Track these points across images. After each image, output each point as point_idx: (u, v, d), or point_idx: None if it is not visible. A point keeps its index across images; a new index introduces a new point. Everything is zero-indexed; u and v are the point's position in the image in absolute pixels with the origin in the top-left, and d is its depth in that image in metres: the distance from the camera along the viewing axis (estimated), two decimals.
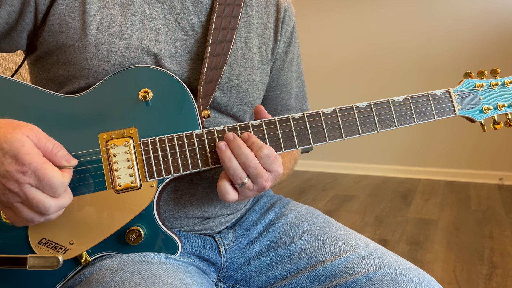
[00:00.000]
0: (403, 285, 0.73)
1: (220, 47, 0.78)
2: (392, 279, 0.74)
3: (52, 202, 0.58)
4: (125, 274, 0.63)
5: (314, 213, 0.92)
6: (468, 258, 2.20)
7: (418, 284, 0.73)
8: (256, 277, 0.83)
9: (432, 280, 0.76)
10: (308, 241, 0.84)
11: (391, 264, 0.77)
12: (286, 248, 0.84)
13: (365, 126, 0.74)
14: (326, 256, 0.80)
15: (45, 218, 0.60)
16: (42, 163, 0.57)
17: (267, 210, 0.92)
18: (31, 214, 0.58)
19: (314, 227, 0.87)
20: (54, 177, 0.57)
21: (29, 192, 0.56)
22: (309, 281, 0.79)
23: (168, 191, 0.77)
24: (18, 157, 0.55)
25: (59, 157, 0.60)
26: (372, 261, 0.78)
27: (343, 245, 0.82)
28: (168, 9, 0.77)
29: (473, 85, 0.79)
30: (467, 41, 3.44)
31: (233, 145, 0.68)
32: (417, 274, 0.76)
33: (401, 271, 0.76)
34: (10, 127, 0.57)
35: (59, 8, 0.71)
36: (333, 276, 0.77)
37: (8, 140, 0.55)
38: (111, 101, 0.71)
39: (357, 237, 0.85)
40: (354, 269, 0.77)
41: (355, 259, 0.78)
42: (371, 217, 2.84)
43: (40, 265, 0.64)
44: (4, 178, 0.55)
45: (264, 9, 0.89)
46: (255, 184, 0.69)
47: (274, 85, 0.95)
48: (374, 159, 3.93)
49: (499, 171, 3.51)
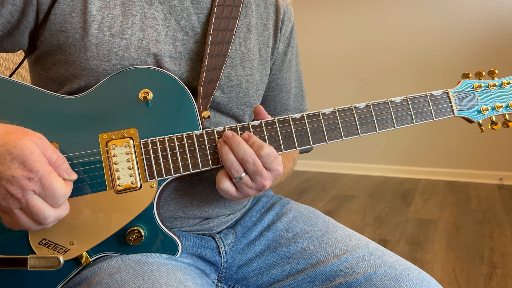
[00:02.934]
0: (403, 285, 0.72)
1: (219, 48, 0.78)
2: (392, 279, 0.74)
3: (51, 212, 0.58)
4: (126, 275, 0.63)
5: (314, 213, 0.92)
6: (468, 258, 2.20)
7: (418, 284, 0.73)
8: (256, 277, 0.83)
9: (432, 280, 0.76)
10: (308, 241, 0.84)
11: (391, 264, 0.77)
12: (286, 248, 0.84)
13: (364, 127, 0.74)
14: (326, 256, 0.80)
15: (41, 227, 0.60)
16: (49, 172, 0.57)
17: (267, 210, 0.92)
18: (28, 222, 0.58)
19: (314, 227, 0.87)
20: (59, 187, 0.57)
21: (31, 199, 0.56)
22: (309, 281, 0.79)
23: (168, 191, 0.77)
24: (26, 163, 0.55)
25: (62, 170, 0.61)
26: (372, 261, 0.78)
27: (343, 245, 0.82)
28: (168, 9, 0.77)
29: (471, 86, 0.80)
30: (466, 41, 3.44)
31: (232, 142, 0.69)
32: (417, 274, 0.75)
33: (401, 271, 0.75)
34: (19, 133, 0.57)
35: (61, 8, 0.71)
36: (333, 276, 0.77)
37: (17, 146, 0.56)
38: (111, 101, 0.71)
39: (357, 237, 0.85)
40: (354, 269, 0.77)
41: (355, 259, 0.78)
42: (371, 217, 2.84)
43: (41, 266, 0.64)
44: (9, 182, 0.55)
45: (263, 10, 0.89)
46: (254, 182, 0.69)
47: (273, 85, 0.95)
48: (374, 159, 3.93)
49: (499, 171, 3.51)
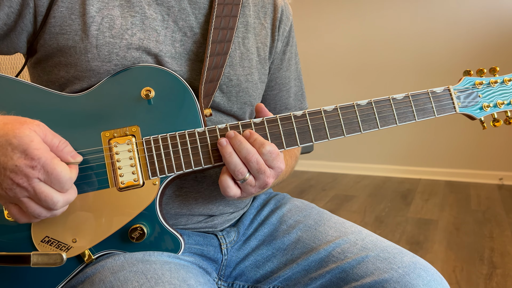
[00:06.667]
0: (395, 267, 0.71)
1: (220, 47, 0.78)
2: (384, 262, 0.73)
3: (59, 197, 0.58)
4: (128, 274, 0.63)
5: (309, 205, 0.92)
6: (468, 258, 2.20)
7: (411, 266, 0.72)
8: (254, 271, 0.84)
9: (426, 264, 0.74)
10: (301, 231, 0.84)
11: (383, 247, 0.76)
12: (280, 240, 0.84)
13: (366, 124, 0.75)
14: (318, 243, 0.80)
15: (51, 213, 0.60)
16: (51, 158, 0.57)
17: (262, 206, 0.93)
18: (38, 209, 0.58)
19: (307, 217, 0.87)
20: (63, 172, 0.57)
21: (38, 186, 0.57)
22: (303, 270, 0.79)
23: (173, 189, 0.78)
24: (27, 152, 0.55)
25: (65, 153, 0.61)
26: (364, 245, 0.77)
27: (335, 231, 0.82)
28: (166, 10, 0.77)
29: (473, 83, 0.80)
30: (467, 41, 3.45)
31: (234, 141, 0.69)
32: (410, 257, 0.74)
33: (394, 254, 0.74)
34: (17, 122, 0.57)
35: (60, 10, 0.71)
36: (326, 262, 0.77)
37: (17, 135, 0.56)
38: (113, 99, 0.71)
39: (350, 224, 0.85)
40: (346, 253, 0.76)
41: (347, 244, 0.78)
42: (371, 217, 2.84)
43: (43, 263, 0.64)
44: (13, 172, 0.56)
45: (261, 9, 0.89)
46: (257, 180, 0.70)
47: (273, 84, 0.95)
48: (374, 159, 3.93)
49: (499, 171, 3.51)
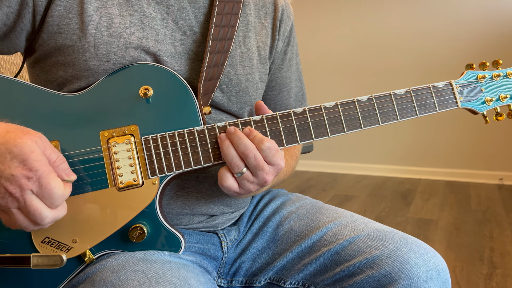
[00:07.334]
0: (386, 244, 0.71)
1: (220, 45, 0.78)
2: (375, 240, 0.73)
3: (48, 213, 0.58)
4: (129, 273, 0.63)
5: (302, 197, 0.93)
6: (468, 258, 2.19)
7: (402, 242, 0.72)
8: (250, 265, 0.84)
9: (419, 240, 0.75)
10: (294, 221, 0.85)
11: (374, 228, 0.77)
12: (274, 231, 0.85)
13: (367, 120, 0.74)
14: (310, 230, 0.81)
15: (38, 227, 0.59)
16: (48, 172, 0.57)
17: (258, 202, 0.94)
18: (26, 222, 0.58)
19: (300, 208, 0.88)
20: (56, 188, 0.57)
21: (29, 199, 0.56)
22: (296, 257, 0.80)
23: (174, 189, 0.77)
24: (26, 162, 0.55)
25: (61, 170, 0.60)
26: (355, 227, 0.77)
27: (327, 217, 0.82)
28: (165, 9, 0.76)
29: (475, 77, 0.79)
30: (467, 41, 3.45)
31: (233, 137, 0.69)
32: (402, 235, 0.75)
33: (385, 233, 0.75)
34: (20, 132, 0.57)
35: (57, 9, 0.71)
36: (318, 247, 0.77)
37: (18, 145, 0.55)
38: (111, 99, 0.71)
39: (342, 210, 0.85)
40: (337, 236, 0.77)
41: (337, 227, 0.78)
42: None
43: (43, 264, 0.64)
44: (8, 181, 0.55)
45: (261, 8, 0.89)
46: (256, 177, 0.69)
47: (273, 84, 0.94)
48: (374, 159, 3.93)
49: (499, 171, 3.51)
